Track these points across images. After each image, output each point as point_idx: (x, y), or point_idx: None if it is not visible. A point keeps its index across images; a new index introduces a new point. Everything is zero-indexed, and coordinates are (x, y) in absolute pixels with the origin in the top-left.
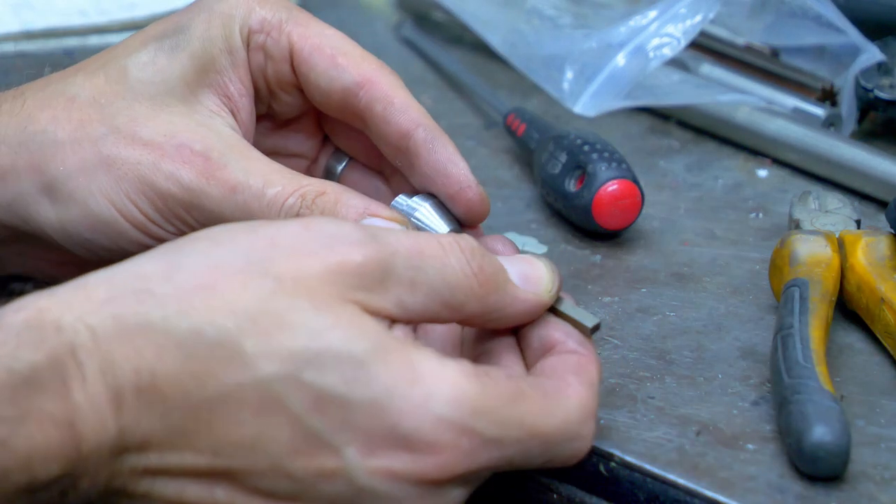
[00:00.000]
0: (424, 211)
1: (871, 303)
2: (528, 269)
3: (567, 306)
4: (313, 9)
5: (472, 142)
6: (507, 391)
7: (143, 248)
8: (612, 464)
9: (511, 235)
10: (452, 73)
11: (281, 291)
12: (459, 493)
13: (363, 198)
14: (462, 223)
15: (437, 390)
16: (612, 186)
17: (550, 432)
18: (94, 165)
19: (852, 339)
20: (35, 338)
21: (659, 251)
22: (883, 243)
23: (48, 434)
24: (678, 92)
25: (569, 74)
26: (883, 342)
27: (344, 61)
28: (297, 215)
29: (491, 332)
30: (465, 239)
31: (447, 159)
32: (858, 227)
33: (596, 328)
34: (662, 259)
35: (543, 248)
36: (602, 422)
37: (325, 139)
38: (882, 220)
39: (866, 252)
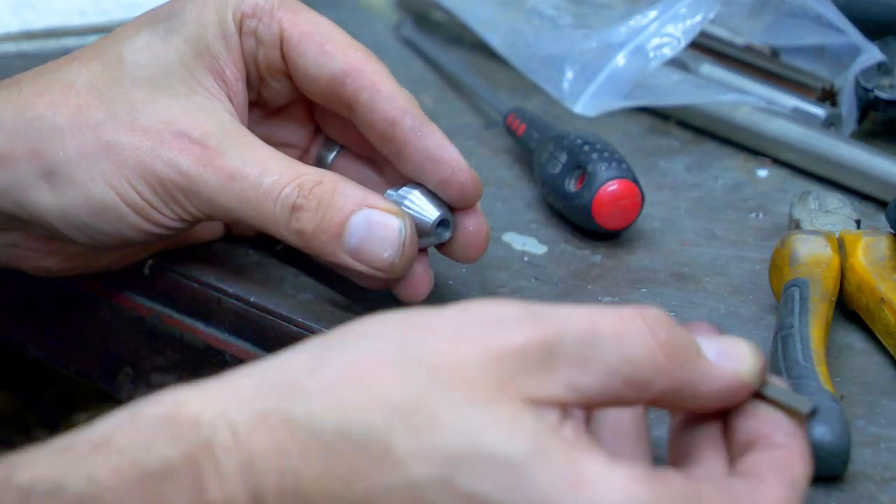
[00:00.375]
0: (414, 198)
1: (871, 303)
2: (725, 346)
3: (775, 390)
4: (313, 8)
5: (472, 142)
6: (683, 496)
7: (143, 232)
8: None
9: (511, 235)
10: (452, 73)
11: (435, 382)
12: None
13: (361, 188)
14: (455, 207)
15: (603, 496)
16: (612, 186)
17: None
18: (95, 150)
19: (852, 339)
20: (170, 433)
21: (659, 251)
22: (883, 243)
23: None
24: (678, 92)
25: (569, 74)
26: (883, 342)
27: (332, 48)
28: (294, 205)
29: (695, 423)
30: (650, 310)
31: (436, 145)
32: (858, 227)
33: (812, 414)
34: (662, 259)
35: (543, 248)
36: None
37: (317, 129)
38: (882, 220)
39: (866, 252)
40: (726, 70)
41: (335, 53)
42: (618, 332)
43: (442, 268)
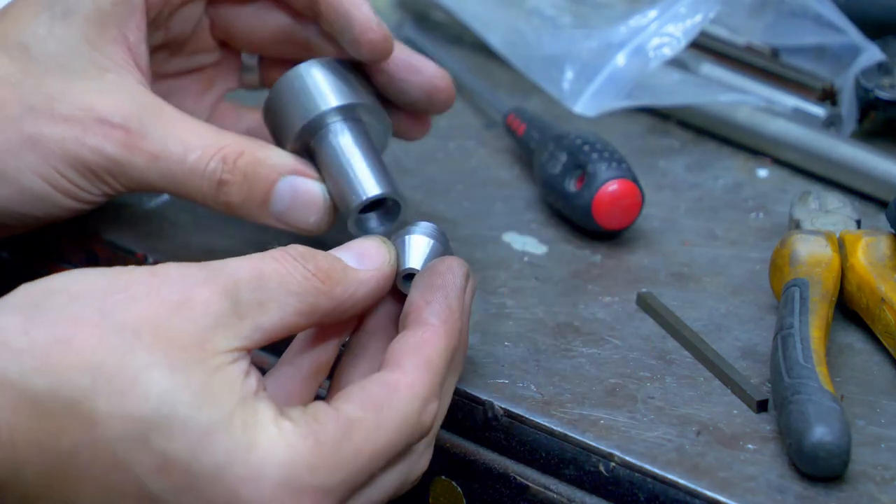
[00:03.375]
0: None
1: (872, 303)
2: (360, 249)
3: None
4: None
5: (472, 142)
6: (338, 432)
7: (72, 210)
8: (612, 464)
9: (511, 235)
10: (452, 73)
11: (138, 347)
12: None
13: (284, 154)
14: (370, 63)
15: (272, 456)
16: (612, 186)
17: (390, 444)
18: (20, 145)
19: (852, 339)
20: None
21: (659, 251)
22: (883, 243)
23: None
24: (678, 92)
25: (569, 74)
26: (883, 342)
27: None
28: (221, 180)
29: (366, 337)
30: (295, 247)
31: (349, 3)
32: (859, 227)
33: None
34: (662, 259)
35: (543, 248)
36: (602, 422)
37: (222, 44)
38: (882, 220)
39: (866, 252)
40: (726, 70)
41: None
42: (279, 273)
43: None
